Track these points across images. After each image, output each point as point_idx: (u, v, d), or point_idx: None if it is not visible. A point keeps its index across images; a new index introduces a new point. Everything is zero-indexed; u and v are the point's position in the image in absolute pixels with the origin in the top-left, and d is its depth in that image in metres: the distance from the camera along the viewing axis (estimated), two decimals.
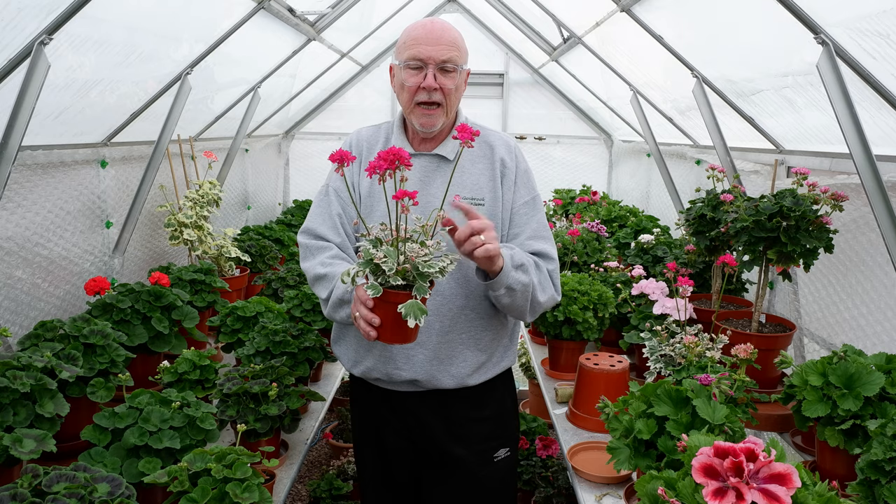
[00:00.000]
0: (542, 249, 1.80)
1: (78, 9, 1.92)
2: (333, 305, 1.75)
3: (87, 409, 1.77)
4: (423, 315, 1.40)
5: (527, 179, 1.86)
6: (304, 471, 4.07)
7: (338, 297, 1.72)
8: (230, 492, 1.36)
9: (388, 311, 1.46)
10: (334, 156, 1.44)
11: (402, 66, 1.75)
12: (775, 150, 2.91)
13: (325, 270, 1.77)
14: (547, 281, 1.79)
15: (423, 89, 1.72)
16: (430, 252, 1.44)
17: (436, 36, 1.72)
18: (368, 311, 1.49)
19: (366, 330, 1.50)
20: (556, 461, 3.36)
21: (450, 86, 1.74)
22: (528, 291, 1.71)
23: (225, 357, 2.72)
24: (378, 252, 1.41)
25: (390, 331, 1.49)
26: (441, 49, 1.71)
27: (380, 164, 1.38)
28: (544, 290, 1.77)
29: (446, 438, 1.87)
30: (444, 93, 1.73)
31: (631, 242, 3.65)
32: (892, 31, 1.75)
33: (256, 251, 3.65)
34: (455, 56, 1.73)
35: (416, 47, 1.72)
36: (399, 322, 1.42)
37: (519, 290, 1.68)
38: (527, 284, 1.69)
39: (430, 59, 1.71)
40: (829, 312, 2.49)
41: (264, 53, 3.66)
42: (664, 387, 1.62)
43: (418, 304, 1.41)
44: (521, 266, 1.68)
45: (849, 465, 1.59)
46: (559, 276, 1.85)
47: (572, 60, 4.59)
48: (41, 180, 2.44)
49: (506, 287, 1.65)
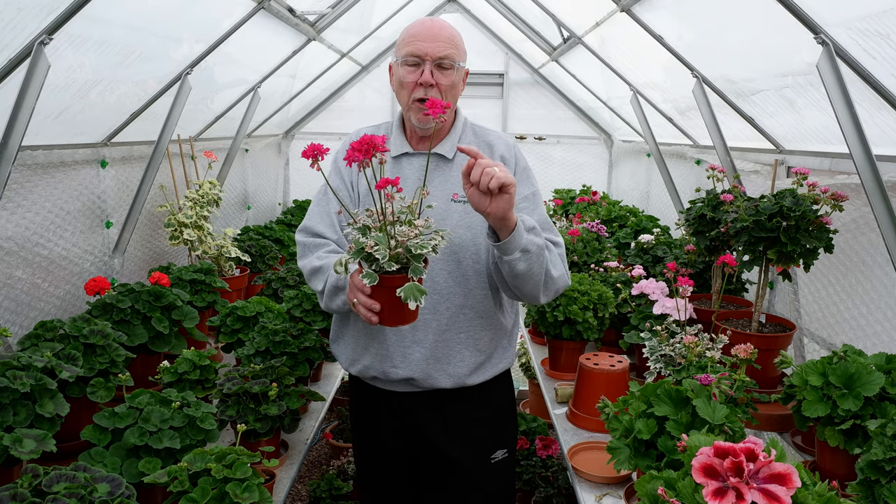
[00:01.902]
0: (548, 238, 1.79)
1: (78, 9, 1.92)
2: (329, 294, 1.75)
3: (87, 409, 1.77)
4: (423, 295, 1.41)
5: (526, 176, 1.86)
6: (304, 471, 4.07)
7: (332, 285, 1.72)
8: (230, 492, 1.36)
9: (386, 295, 1.47)
10: (306, 152, 1.44)
11: (400, 63, 1.76)
12: (775, 150, 2.91)
13: (321, 263, 1.78)
14: (557, 260, 1.76)
15: (419, 85, 1.73)
16: (421, 232, 1.43)
17: (433, 33, 1.73)
18: (367, 298, 1.49)
19: (367, 316, 1.51)
20: (556, 461, 3.36)
21: (446, 82, 1.74)
22: (542, 256, 1.64)
23: (225, 357, 2.72)
24: (368, 240, 1.42)
25: (390, 314, 1.51)
26: (438, 46, 1.72)
27: (355, 155, 1.39)
28: (556, 267, 1.73)
29: (444, 439, 1.87)
30: (440, 89, 1.73)
31: (631, 242, 3.65)
32: (892, 31, 1.74)
33: (256, 251, 3.65)
34: (452, 53, 1.74)
35: (413, 44, 1.73)
36: (398, 305, 1.43)
37: (534, 253, 1.61)
38: (541, 247, 1.64)
39: (426, 56, 1.72)
40: (829, 312, 2.49)
41: (264, 53, 3.66)
42: (664, 387, 1.62)
43: (416, 286, 1.42)
44: (532, 229, 1.64)
45: (849, 465, 1.59)
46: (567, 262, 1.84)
47: (572, 60, 4.59)
48: (41, 180, 2.44)
49: (521, 249, 1.58)
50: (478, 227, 1.78)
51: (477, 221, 1.78)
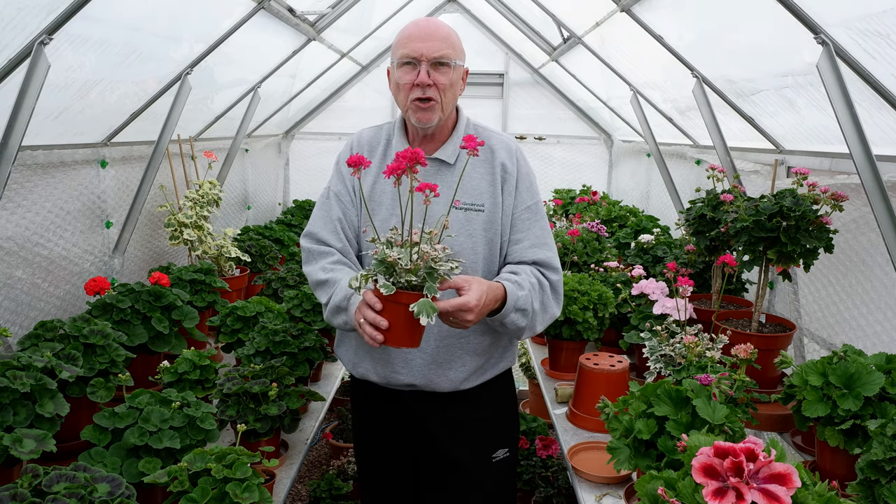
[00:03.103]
0: (545, 259, 1.79)
1: (78, 9, 1.92)
2: (331, 311, 1.75)
3: (87, 409, 1.77)
4: (434, 313, 1.42)
5: (529, 184, 1.83)
6: (304, 471, 4.07)
7: (335, 304, 1.72)
8: (230, 492, 1.36)
9: (397, 312, 1.47)
10: (352, 160, 1.46)
11: (397, 65, 1.75)
12: (775, 150, 2.92)
13: (326, 276, 1.77)
14: (549, 300, 1.79)
15: (417, 86, 1.71)
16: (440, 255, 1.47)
17: (428, 32, 1.71)
18: (375, 314, 1.49)
19: (372, 334, 1.50)
20: (556, 461, 3.36)
21: (444, 81, 1.72)
22: (521, 332, 1.76)
23: (225, 357, 2.72)
24: (392, 252, 1.44)
25: (398, 333, 1.50)
26: (433, 45, 1.70)
27: (400, 163, 1.40)
28: (545, 311, 1.78)
29: (445, 438, 1.87)
30: (438, 88, 1.72)
31: (631, 242, 3.65)
32: (892, 31, 1.74)
33: (256, 251, 3.65)
34: (448, 52, 1.72)
35: (408, 45, 1.71)
36: (408, 324, 1.44)
37: (512, 330, 1.73)
38: (522, 328, 1.73)
39: (422, 56, 1.70)
40: (829, 312, 2.49)
41: (264, 53, 3.66)
42: (664, 387, 1.62)
43: (430, 303, 1.43)
44: (522, 310, 1.69)
45: (849, 465, 1.59)
46: (562, 285, 1.85)
47: (572, 60, 4.59)
48: (41, 180, 2.44)
49: (501, 324, 1.70)
50: (478, 235, 1.77)
51: (477, 229, 1.77)
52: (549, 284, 1.79)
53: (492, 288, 1.62)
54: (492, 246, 1.79)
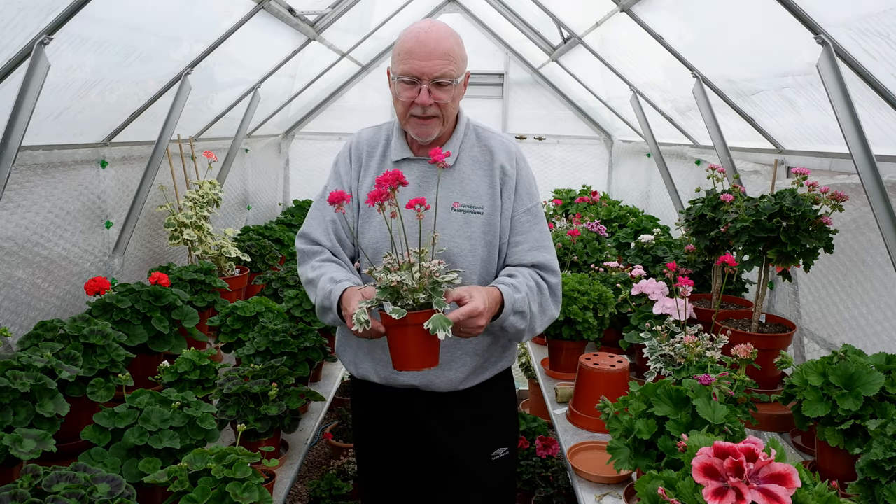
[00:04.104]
0: (544, 261, 1.79)
1: (78, 9, 1.92)
2: (319, 311, 1.77)
3: (87, 409, 1.77)
4: (450, 325, 1.44)
5: (528, 186, 1.82)
6: (304, 471, 4.07)
7: (320, 305, 1.73)
8: (230, 492, 1.36)
9: (413, 335, 1.48)
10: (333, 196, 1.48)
11: (397, 80, 1.69)
12: (775, 150, 2.92)
13: (314, 274, 1.78)
14: (547, 302, 1.79)
15: (417, 105, 1.68)
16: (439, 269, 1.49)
17: (429, 49, 1.64)
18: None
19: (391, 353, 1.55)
20: (556, 461, 3.36)
21: (446, 99, 1.68)
22: (521, 335, 1.76)
23: (225, 357, 2.72)
24: (393, 276, 1.45)
25: (417, 355, 1.50)
26: (435, 64, 1.64)
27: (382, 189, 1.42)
28: (544, 313, 1.78)
29: (445, 437, 1.87)
30: (439, 106, 1.68)
31: (631, 242, 3.65)
32: (892, 31, 1.74)
33: (256, 251, 3.65)
34: (450, 70, 1.66)
35: (409, 62, 1.65)
36: (424, 343, 1.46)
37: (512, 333, 1.74)
38: (522, 331, 1.73)
39: (423, 76, 1.65)
40: (829, 312, 2.49)
41: (264, 53, 3.66)
42: (664, 387, 1.62)
43: (443, 317, 1.44)
44: (520, 313, 1.69)
45: (849, 465, 1.59)
46: (561, 287, 1.85)
47: (572, 60, 4.59)
48: (41, 180, 2.44)
49: (500, 328, 1.71)
50: (476, 237, 1.77)
51: (476, 231, 1.77)
52: (548, 287, 1.79)
53: (490, 293, 1.63)
54: (490, 248, 1.79)
